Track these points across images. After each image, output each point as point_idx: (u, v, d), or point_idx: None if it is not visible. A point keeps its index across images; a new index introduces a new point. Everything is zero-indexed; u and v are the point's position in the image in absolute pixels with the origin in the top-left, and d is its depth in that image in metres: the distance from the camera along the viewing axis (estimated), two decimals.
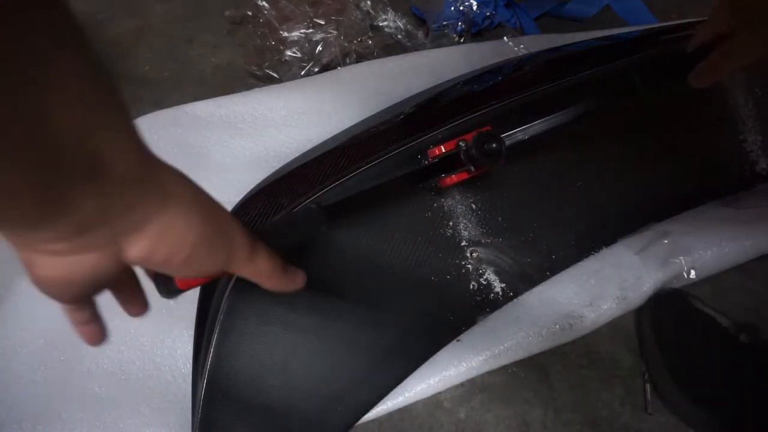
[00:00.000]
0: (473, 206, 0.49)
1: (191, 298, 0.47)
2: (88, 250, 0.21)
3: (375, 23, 0.82)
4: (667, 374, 0.50)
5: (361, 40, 0.79)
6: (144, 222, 0.21)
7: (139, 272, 0.32)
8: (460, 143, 0.41)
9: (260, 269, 0.28)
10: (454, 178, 0.43)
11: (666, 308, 0.54)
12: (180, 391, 0.50)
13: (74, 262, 0.21)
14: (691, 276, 0.55)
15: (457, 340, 0.50)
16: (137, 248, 0.22)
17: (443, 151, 0.42)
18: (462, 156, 0.41)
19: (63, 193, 0.18)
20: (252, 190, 0.54)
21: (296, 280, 0.32)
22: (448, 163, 0.43)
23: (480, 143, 0.40)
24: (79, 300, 0.25)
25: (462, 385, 0.51)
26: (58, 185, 0.18)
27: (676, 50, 0.50)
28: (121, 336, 0.53)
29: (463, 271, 0.48)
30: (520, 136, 0.43)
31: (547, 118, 0.43)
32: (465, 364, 0.50)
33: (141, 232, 0.22)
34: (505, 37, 0.79)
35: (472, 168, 0.41)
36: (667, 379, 0.50)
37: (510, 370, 0.52)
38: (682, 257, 0.54)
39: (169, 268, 0.24)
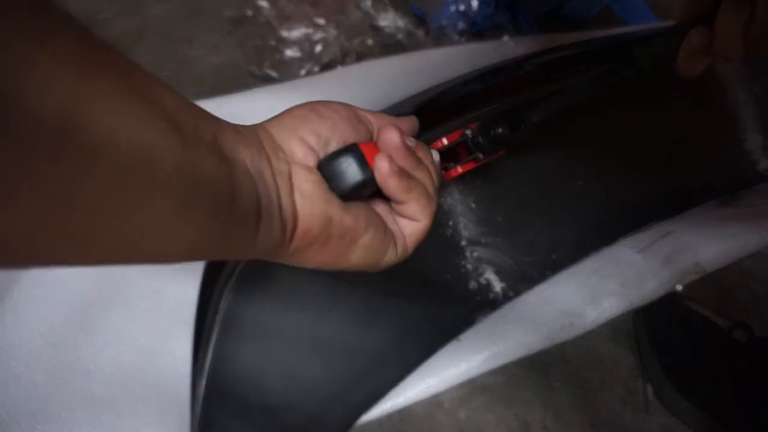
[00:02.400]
0: (473, 205, 0.49)
1: (191, 297, 0.47)
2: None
3: (375, 23, 0.82)
4: (663, 375, 0.51)
5: (361, 40, 0.79)
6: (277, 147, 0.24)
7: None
8: (466, 132, 0.40)
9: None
10: (459, 169, 0.42)
11: (658, 310, 0.54)
12: (179, 391, 0.50)
13: (310, 204, 0.24)
14: (693, 273, 0.55)
15: (457, 340, 0.50)
16: (299, 151, 0.24)
17: (445, 143, 0.42)
18: (469, 144, 0.40)
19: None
20: None
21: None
22: (452, 155, 0.42)
23: (485, 130, 0.39)
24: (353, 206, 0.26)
25: (462, 385, 0.51)
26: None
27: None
28: (120, 336, 0.53)
29: (463, 270, 0.48)
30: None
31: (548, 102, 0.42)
32: (465, 364, 0.50)
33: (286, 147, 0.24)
34: (505, 37, 0.79)
35: (481, 156, 0.40)
36: (664, 380, 0.51)
37: (510, 371, 0.52)
38: (684, 255, 0.54)
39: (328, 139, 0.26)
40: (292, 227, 0.23)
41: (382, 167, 0.24)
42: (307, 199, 0.23)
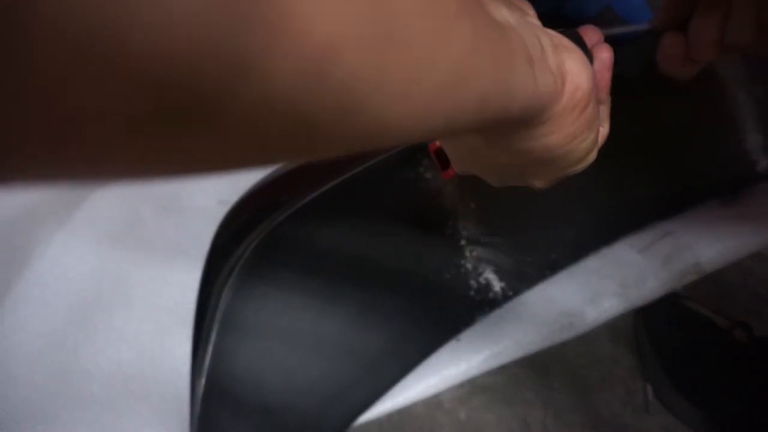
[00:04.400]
0: (472, 205, 0.49)
1: (191, 297, 0.47)
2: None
3: None
4: (663, 375, 0.51)
5: None
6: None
7: None
8: None
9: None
10: (451, 172, 0.42)
11: (658, 310, 0.54)
12: (179, 391, 0.50)
13: (577, 58, 0.22)
14: (693, 273, 0.55)
15: (457, 339, 0.50)
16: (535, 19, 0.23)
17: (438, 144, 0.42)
18: None
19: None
20: (251, 188, 0.54)
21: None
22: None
23: None
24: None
25: (462, 385, 0.51)
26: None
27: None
28: (120, 336, 0.53)
29: (462, 270, 0.48)
30: None
31: None
32: (465, 364, 0.50)
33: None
34: None
35: None
36: (664, 380, 0.50)
37: (510, 371, 0.52)
38: (684, 255, 0.54)
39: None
40: (561, 81, 0.21)
41: (605, 57, 0.24)
42: (573, 53, 0.22)
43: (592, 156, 0.27)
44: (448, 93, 0.15)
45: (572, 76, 0.22)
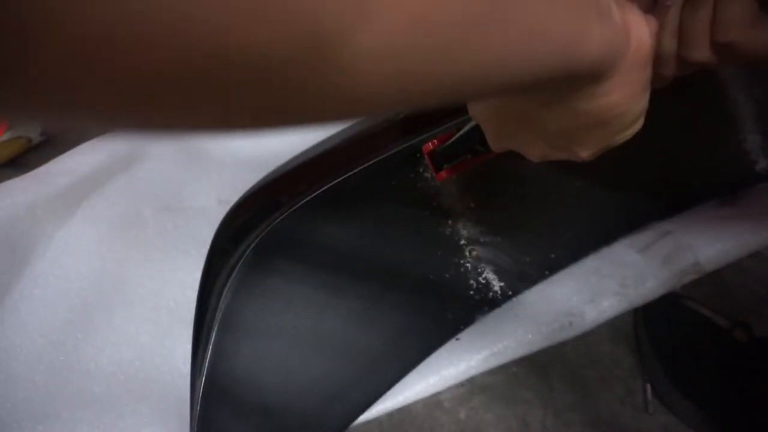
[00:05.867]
0: (472, 205, 0.49)
1: (191, 297, 0.47)
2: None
3: None
4: (663, 375, 0.51)
5: None
6: None
7: None
8: (465, 128, 0.41)
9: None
10: (451, 169, 0.43)
11: (658, 310, 0.54)
12: (179, 391, 0.50)
13: (641, 17, 0.23)
14: (693, 273, 0.55)
15: (456, 339, 0.50)
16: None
17: (437, 144, 0.42)
18: (460, 143, 0.41)
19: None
20: (251, 188, 0.54)
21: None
22: (445, 156, 0.43)
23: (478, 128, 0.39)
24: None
25: (462, 385, 0.51)
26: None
27: None
28: (120, 336, 0.53)
29: (462, 269, 0.48)
30: None
31: None
32: (464, 363, 0.50)
33: None
34: None
35: (470, 155, 0.41)
36: (664, 380, 0.51)
37: (510, 371, 0.52)
38: (683, 255, 0.54)
39: None
40: (627, 36, 0.23)
41: (652, 25, 0.25)
42: (635, 10, 0.23)
43: (640, 122, 0.28)
44: (532, 41, 0.16)
45: (636, 32, 0.23)
